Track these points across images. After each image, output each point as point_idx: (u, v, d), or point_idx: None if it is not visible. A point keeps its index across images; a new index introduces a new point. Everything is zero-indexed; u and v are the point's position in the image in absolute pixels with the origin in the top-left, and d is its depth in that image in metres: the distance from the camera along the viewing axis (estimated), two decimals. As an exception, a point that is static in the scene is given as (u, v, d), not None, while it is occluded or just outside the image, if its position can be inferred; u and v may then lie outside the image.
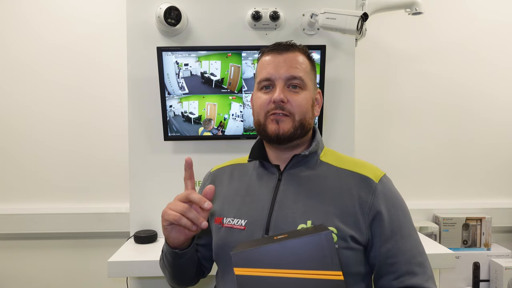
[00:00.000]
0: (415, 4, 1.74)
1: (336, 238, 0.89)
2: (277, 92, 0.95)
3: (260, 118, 0.99)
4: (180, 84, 1.60)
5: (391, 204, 0.94)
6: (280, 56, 0.99)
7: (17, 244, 2.05)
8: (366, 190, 0.94)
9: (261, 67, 1.01)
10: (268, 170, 1.03)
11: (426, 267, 0.92)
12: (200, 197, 0.88)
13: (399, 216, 0.95)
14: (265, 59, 1.01)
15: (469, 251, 2.02)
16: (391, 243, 0.92)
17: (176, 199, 0.90)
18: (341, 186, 0.96)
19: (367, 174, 0.97)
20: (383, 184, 0.96)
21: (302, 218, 0.92)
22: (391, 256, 0.91)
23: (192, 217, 0.86)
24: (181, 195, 0.89)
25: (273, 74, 0.97)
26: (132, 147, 1.69)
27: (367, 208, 0.93)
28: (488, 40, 2.14)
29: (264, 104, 0.97)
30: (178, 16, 1.56)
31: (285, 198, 0.96)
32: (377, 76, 2.12)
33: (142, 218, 1.68)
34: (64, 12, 2.00)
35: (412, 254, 0.92)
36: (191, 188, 0.94)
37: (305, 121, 0.98)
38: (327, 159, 1.02)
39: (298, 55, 1.00)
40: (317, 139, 1.03)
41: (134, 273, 1.48)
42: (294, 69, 0.97)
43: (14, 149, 2.03)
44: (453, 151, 2.16)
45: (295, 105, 0.96)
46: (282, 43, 1.01)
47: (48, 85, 2.02)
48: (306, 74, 0.99)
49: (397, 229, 0.93)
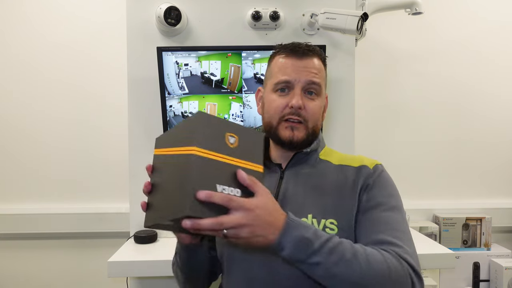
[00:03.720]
0: (415, 4, 1.74)
1: (337, 229, 0.90)
2: (296, 98, 0.96)
3: (273, 121, 0.99)
4: (180, 84, 1.60)
5: (381, 185, 0.95)
6: (300, 61, 0.98)
7: (17, 244, 2.05)
8: (363, 176, 0.96)
9: (278, 68, 1.00)
10: (271, 169, 1.04)
11: (406, 241, 0.86)
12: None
13: (385, 194, 0.94)
14: (283, 61, 0.99)
15: (469, 251, 2.02)
16: (371, 214, 0.90)
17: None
18: (339, 180, 0.97)
19: (363, 164, 0.99)
20: (376, 169, 0.98)
21: (302, 212, 0.93)
22: (368, 227, 0.89)
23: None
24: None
25: (293, 78, 0.97)
26: (132, 147, 1.68)
27: (363, 188, 0.94)
28: (488, 40, 2.14)
29: (279, 107, 0.97)
30: (178, 16, 1.56)
31: (286, 195, 0.98)
32: (377, 76, 2.12)
33: (142, 218, 1.65)
34: (64, 11, 2.00)
35: (393, 226, 0.88)
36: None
37: (316, 128, 1.00)
38: (327, 157, 1.04)
39: (316, 60, 1.00)
40: (319, 138, 1.05)
41: (134, 273, 1.48)
42: (314, 75, 0.98)
43: (14, 148, 2.03)
44: (453, 151, 2.16)
45: (311, 112, 0.97)
46: (301, 46, 1.00)
47: (48, 84, 2.02)
48: (323, 81, 1.01)
49: (381, 202, 0.92)
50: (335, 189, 0.96)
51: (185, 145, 0.73)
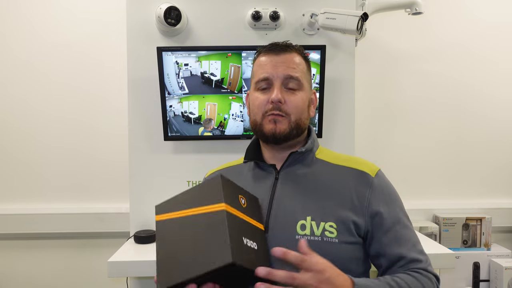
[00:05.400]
0: (415, 4, 1.74)
1: (336, 232, 0.90)
2: (275, 92, 0.97)
3: (257, 118, 1.00)
4: (180, 84, 1.60)
5: (389, 199, 0.97)
6: (277, 56, 1.00)
7: (17, 244, 2.05)
8: (364, 184, 0.96)
9: (258, 67, 1.02)
10: (265, 170, 1.04)
11: (425, 254, 0.96)
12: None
13: (396, 209, 0.98)
14: (262, 59, 1.02)
15: (469, 251, 2.02)
16: (393, 233, 0.94)
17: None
18: (337, 181, 0.97)
19: (363, 169, 0.99)
20: (379, 178, 0.99)
21: (301, 214, 0.92)
22: (393, 245, 0.93)
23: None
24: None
25: (271, 74, 0.98)
26: (132, 147, 1.69)
27: (366, 201, 0.95)
28: (488, 40, 2.14)
29: (261, 104, 0.99)
30: (178, 16, 1.56)
31: (283, 196, 0.97)
32: (377, 76, 2.12)
33: (142, 218, 1.68)
34: (64, 11, 2.00)
35: (413, 242, 0.95)
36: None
37: (300, 122, 1.00)
38: (322, 156, 1.04)
39: (295, 56, 1.01)
40: (313, 137, 1.05)
41: (134, 273, 1.48)
42: (292, 69, 0.99)
43: (14, 148, 2.03)
44: (453, 151, 2.16)
45: (292, 105, 0.98)
46: (279, 44, 1.02)
47: (48, 84, 2.02)
48: (303, 75, 1.01)
49: (396, 220, 0.96)
50: (334, 192, 0.96)
51: (212, 203, 0.82)
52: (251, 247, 0.82)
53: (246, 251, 0.80)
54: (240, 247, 0.79)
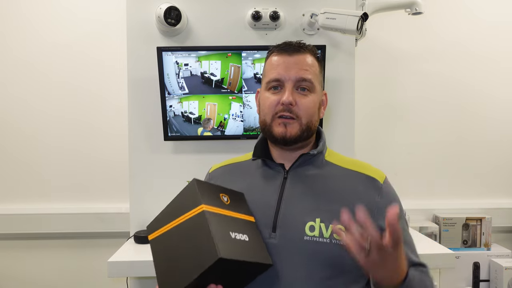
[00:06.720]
0: (415, 4, 1.74)
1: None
2: (286, 94, 0.96)
3: (267, 119, 0.99)
4: (180, 84, 1.60)
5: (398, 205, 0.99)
6: (290, 57, 0.98)
7: (17, 244, 2.05)
8: (373, 190, 0.97)
9: (270, 67, 1.01)
10: (273, 169, 1.03)
11: (420, 258, 0.99)
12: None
13: (400, 214, 0.98)
14: (275, 59, 1.00)
15: (469, 251, 2.02)
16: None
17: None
18: (347, 185, 0.97)
19: (372, 175, 1.00)
20: (387, 186, 1.00)
21: (310, 216, 0.92)
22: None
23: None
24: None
25: (283, 75, 0.97)
26: (132, 147, 1.69)
27: (374, 207, 0.95)
28: (488, 40, 2.14)
29: (272, 105, 0.98)
30: (178, 16, 1.56)
31: (291, 196, 0.97)
32: (377, 76, 2.12)
33: (142, 218, 1.68)
34: (64, 11, 2.00)
35: (412, 246, 0.98)
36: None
37: (311, 124, 0.99)
38: (332, 159, 1.04)
39: (308, 57, 1.00)
40: (323, 140, 1.04)
41: (134, 273, 1.48)
42: (304, 71, 0.97)
43: (14, 148, 2.03)
44: (453, 151, 2.16)
45: (303, 108, 0.97)
46: (292, 43, 1.00)
47: (48, 84, 2.02)
48: (315, 77, 1.00)
49: (402, 226, 0.96)
50: (344, 195, 0.95)
51: (191, 208, 0.84)
52: (241, 239, 0.84)
53: (235, 244, 0.81)
54: (227, 241, 0.80)
